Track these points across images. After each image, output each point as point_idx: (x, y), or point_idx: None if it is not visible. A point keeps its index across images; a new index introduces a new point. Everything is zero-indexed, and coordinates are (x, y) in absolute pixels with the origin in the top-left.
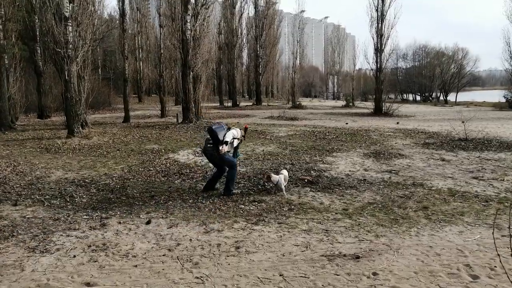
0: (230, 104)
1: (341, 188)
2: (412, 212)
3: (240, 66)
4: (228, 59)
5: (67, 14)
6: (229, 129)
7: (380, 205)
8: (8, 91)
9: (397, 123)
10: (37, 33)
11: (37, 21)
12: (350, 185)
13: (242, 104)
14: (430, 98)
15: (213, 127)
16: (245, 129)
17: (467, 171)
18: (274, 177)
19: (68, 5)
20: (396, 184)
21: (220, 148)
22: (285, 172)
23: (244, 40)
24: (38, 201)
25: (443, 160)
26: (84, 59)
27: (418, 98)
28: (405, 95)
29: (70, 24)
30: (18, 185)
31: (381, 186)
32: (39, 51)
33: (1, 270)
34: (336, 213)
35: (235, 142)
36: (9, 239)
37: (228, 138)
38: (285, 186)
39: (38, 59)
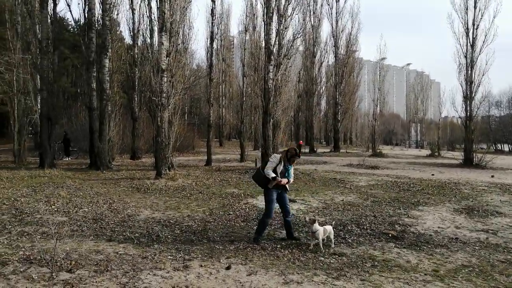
0: (307, 150)
1: (429, 246)
2: None
3: (318, 113)
4: (306, 106)
5: (163, 67)
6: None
7: (477, 269)
8: (109, 134)
9: (492, 176)
10: (136, 83)
11: (137, 72)
12: (440, 243)
13: (320, 150)
14: None
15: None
16: (299, 146)
17: None
18: (317, 226)
19: (165, 58)
20: (495, 246)
21: (270, 183)
22: (329, 227)
23: (323, 87)
24: (129, 238)
25: None
26: (174, 106)
27: None
28: (499, 146)
29: (165, 75)
30: (112, 222)
31: (476, 247)
32: (136, 99)
33: None
34: (425, 274)
35: (278, 169)
36: (104, 273)
37: (271, 174)
38: (323, 240)
39: (135, 106)
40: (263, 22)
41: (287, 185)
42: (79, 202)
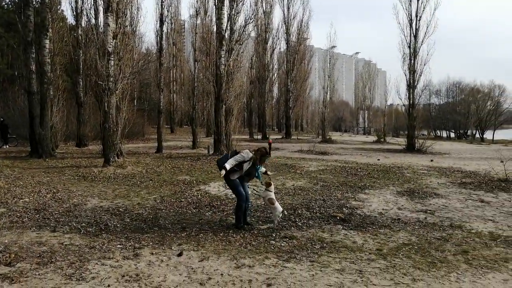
0: (260, 137)
1: (374, 227)
2: (450, 256)
3: (270, 99)
4: (259, 93)
5: (110, 50)
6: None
7: (416, 247)
8: (51, 120)
9: (431, 160)
10: (81, 66)
11: (81, 55)
12: (383, 224)
13: (272, 137)
14: (465, 136)
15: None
16: (269, 144)
17: (509, 214)
18: (272, 189)
19: (112, 41)
20: (432, 225)
21: (220, 172)
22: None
23: (275, 74)
24: (75, 228)
25: (482, 201)
26: (123, 91)
27: (452, 135)
28: (438, 132)
29: (112, 58)
30: (56, 212)
31: (416, 227)
32: (81, 83)
33: None
34: (370, 253)
35: (245, 166)
36: (48, 265)
37: (228, 165)
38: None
39: (80, 91)
40: (214, 6)
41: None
42: (19, 192)
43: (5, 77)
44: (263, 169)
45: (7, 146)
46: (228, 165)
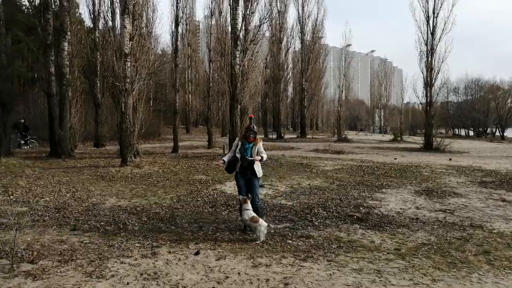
0: (274, 136)
1: (392, 227)
2: (471, 256)
3: (285, 99)
4: (273, 93)
5: (127, 51)
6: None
7: (435, 247)
8: (70, 121)
9: (450, 159)
10: (98, 68)
11: (99, 57)
12: (401, 223)
13: (287, 136)
14: (485, 134)
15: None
16: (250, 119)
17: None
18: (260, 221)
19: (128, 42)
20: (452, 224)
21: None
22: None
23: (290, 74)
24: (94, 227)
25: (503, 200)
26: (139, 92)
27: (471, 133)
28: (456, 130)
29: (129, 60)
30: (76, 211)
31: (435, 226)
32: (98, 85)
33: None
34: (388, 253)
35: (239, 150)
36: (69, 263)
37: (225, 157)
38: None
39: (97, 92)
40: (229, 7)
41: (257, 167)
42: (40, 191)
43: (25, 79)
44: (261, 150)
45: (28, 147)
46: (225, 157)
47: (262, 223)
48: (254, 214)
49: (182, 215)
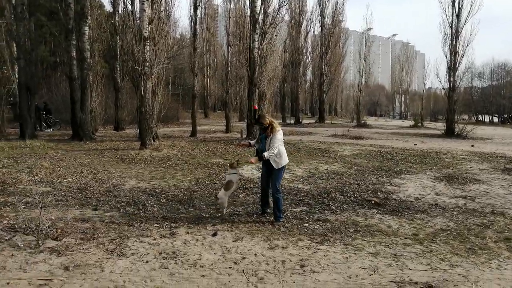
0: (292, 121)
1: (410, 212)
2: (492, 243)
3: (303, 83)
4: (292, 77)
5: (146, 35)
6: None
7: (454, 233)
8: (91, 105)
9: (472, 145)
10: (118, 52)
11: (118, 41)
12: (420, 209)
13: (305, 121)
14: (510, 120)
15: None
16: (255, 110)
17: None
18: (227, 192)
19: (147, 26)
20: (472, 211)
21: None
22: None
23: (309, 58)
24: (115, 208)
25: None
26: (158, 76)
27: (495, 119)
28: (480, 116)
29: (148, 43)
30: (97, 192)
31: (455, 213)
32: (118, 69)
33: (84, 269)
34: (405, 238)
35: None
36: (91, 240)
37: (266, 153)
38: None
39: (117, 76)
40: None
41: (272, 159)
42: (63, 172)
43: (48, 64)
44: (272, 144)
45: (51, 130)
46: (253, 141)
47: (225, 201)
48: (229, 181)
49: (200, 197)
